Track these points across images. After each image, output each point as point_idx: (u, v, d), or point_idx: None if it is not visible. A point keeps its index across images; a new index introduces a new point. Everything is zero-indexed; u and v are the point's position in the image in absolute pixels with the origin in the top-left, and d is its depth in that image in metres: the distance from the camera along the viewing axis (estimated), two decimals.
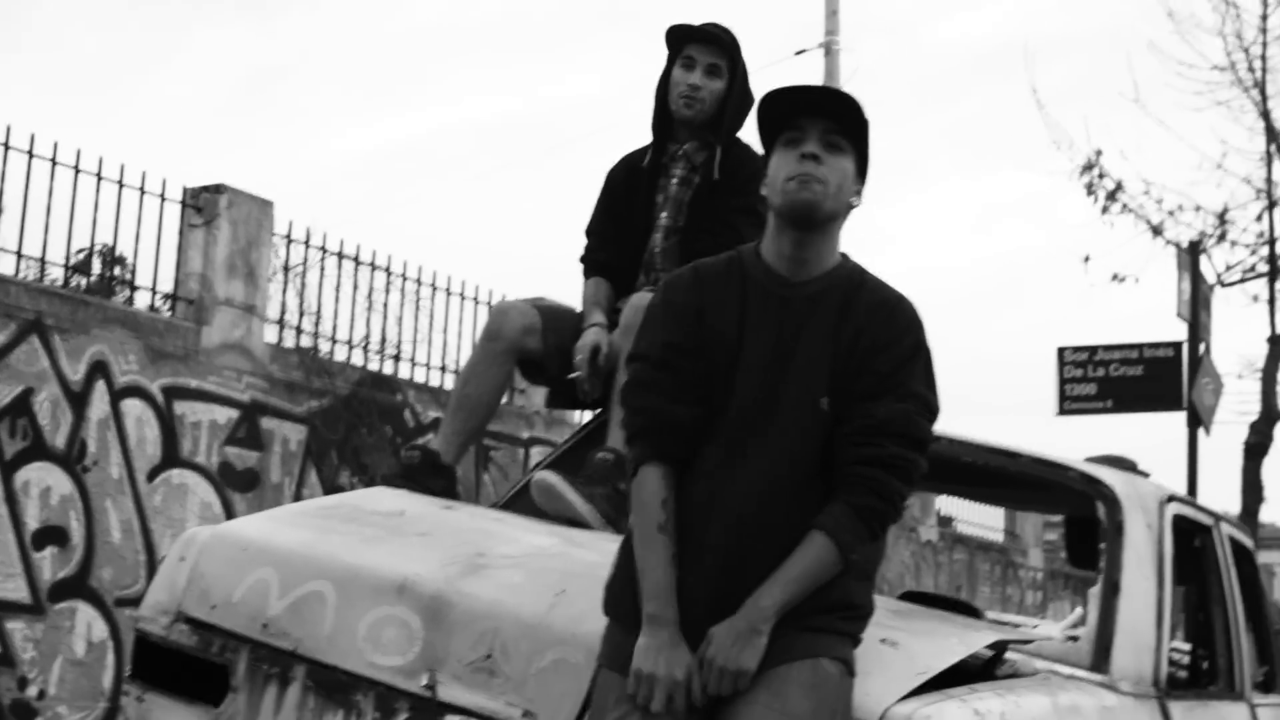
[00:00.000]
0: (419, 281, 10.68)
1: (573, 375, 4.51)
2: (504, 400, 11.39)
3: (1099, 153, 15.65)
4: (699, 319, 3.13)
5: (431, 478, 4.51)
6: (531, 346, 4.65)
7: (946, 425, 4.69)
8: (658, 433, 3.11)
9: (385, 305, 10.47)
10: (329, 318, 10.20)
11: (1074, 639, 4.13)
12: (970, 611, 5.58)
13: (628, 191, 4.82)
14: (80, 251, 10.59)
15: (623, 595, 3.12)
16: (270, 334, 9.78)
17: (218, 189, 9.36)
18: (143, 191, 9.02)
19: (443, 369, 10.85)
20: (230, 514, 9.24)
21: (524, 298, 4.72)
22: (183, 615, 3.83)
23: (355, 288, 10.30)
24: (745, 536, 3.02)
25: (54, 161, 8.53)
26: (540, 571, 3.63)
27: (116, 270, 11.85)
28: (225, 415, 9.31)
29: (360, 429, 10.08)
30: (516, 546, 3.84)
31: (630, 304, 4.46)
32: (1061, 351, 12.39)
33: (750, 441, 3.07)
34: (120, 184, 8.89)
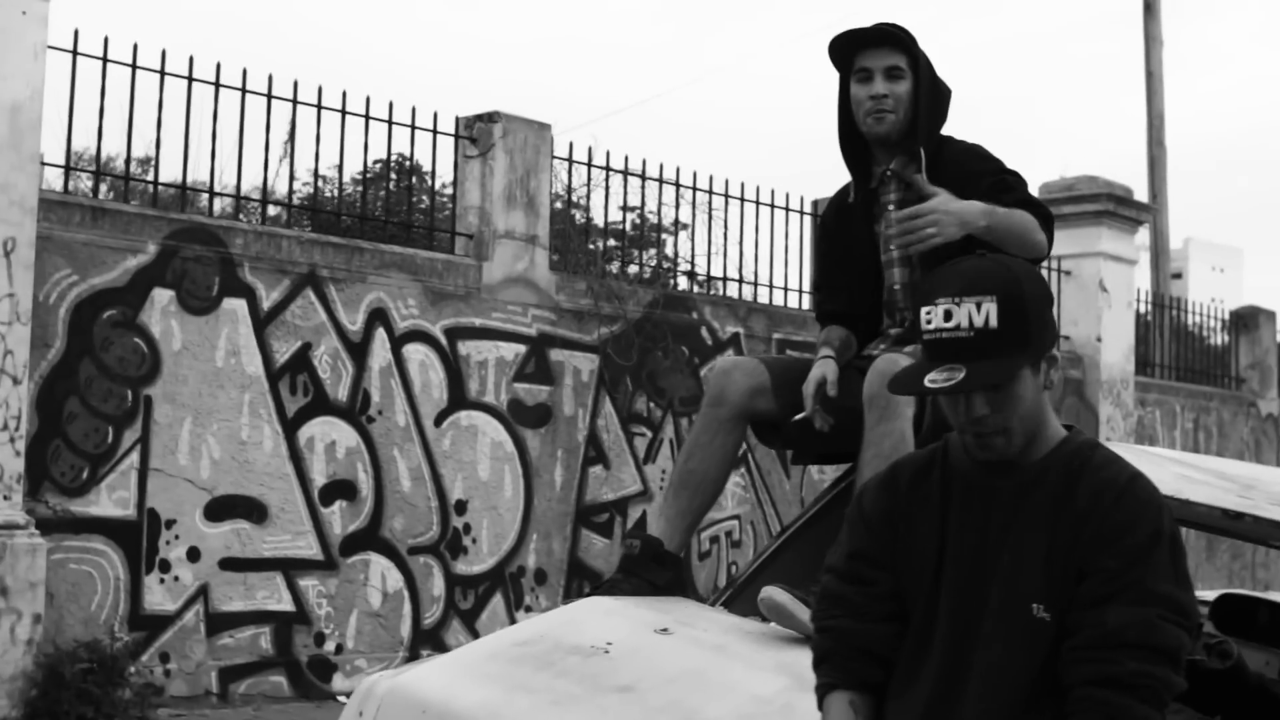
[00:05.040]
0: (709, 191, 10.08)
1: (799, 416, 3.97)
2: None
3: None
4: (891, 526, 2.71)
5: (654, 571, 4.01)
6: (762, 408, 4.10)
7: None
8: (845, 656, 2.72)
9: (675, 221, 9.95)
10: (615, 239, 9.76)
11: None
12: None
13: (844, 234, 4.28)
14: (377, 162, 10.40)
15: None
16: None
17: (491, 117, 8.95)
18: (413, 128, 8.69)
19: (739, 281, 10.29)
20: (523, 453, 9.00)
21: (750, 357, 4.15)
22: None
23: (642, 205, 9.80)
24: None
25: (319, 107, 8.25)
26: None
27: (414, 180, 11.68)
28: (512, 351, 9.02)
29: (655, 352, 9.65)
30: (731, 701, 3.32)
31: (874, 369, 3.85)
32: None
33: (956, 663, 2.61)
34: (390, 123, 8.57)
